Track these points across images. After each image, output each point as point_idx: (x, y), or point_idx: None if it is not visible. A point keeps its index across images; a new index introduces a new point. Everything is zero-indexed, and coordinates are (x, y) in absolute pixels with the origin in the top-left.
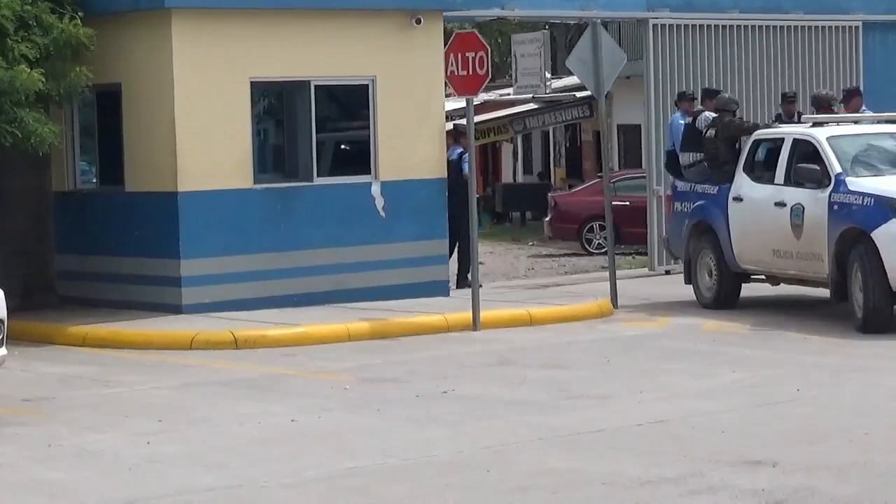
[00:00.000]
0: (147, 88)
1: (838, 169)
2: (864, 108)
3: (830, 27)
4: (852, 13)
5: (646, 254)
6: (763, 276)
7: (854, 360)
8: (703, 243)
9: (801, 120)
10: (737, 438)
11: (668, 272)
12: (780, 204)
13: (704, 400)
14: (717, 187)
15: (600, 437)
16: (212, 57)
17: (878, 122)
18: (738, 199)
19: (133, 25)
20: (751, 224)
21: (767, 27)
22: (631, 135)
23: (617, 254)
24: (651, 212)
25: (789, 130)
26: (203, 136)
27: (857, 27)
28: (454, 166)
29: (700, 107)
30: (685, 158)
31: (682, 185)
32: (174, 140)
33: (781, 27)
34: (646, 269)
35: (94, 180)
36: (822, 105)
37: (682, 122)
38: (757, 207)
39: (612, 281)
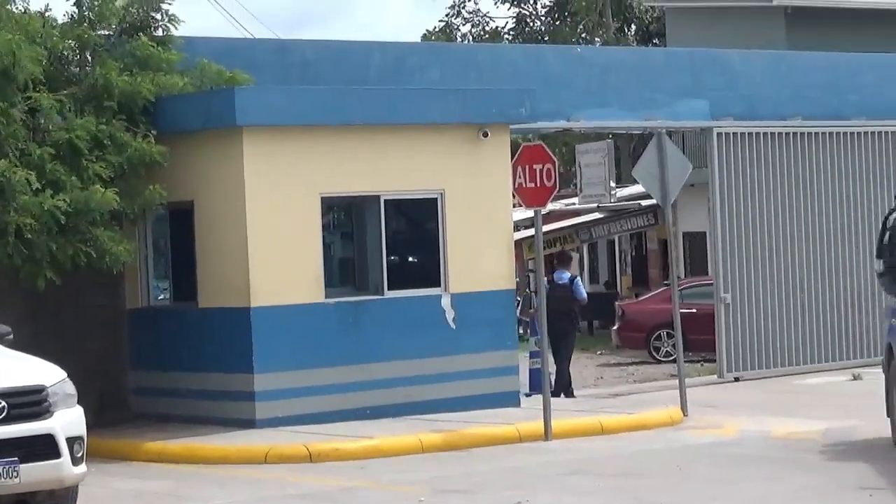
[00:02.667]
0: (219, 205)
1: None
2: None
3: (893, 132)
4: None
5: (714, 361)
6: None
7: None
8: None
9: None
10: None
11: (737, 379)
12: None
13: None
14: None
15: None
16: (282, 173)
17: None
18: None
19: (205, 143)
20: None
21: (831, 134)
22: (696, 242)
23: (685, 361)
24: (719, 319)
25: None
26: (274, 251)
27: None
28: (564, 289)
29: None
30: (878, 265)
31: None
32: (246, 256)
33: (845, 133)
34: (714, 377)
35: (168, 297)
36: None
37: None
38: None
39: (682, 389)
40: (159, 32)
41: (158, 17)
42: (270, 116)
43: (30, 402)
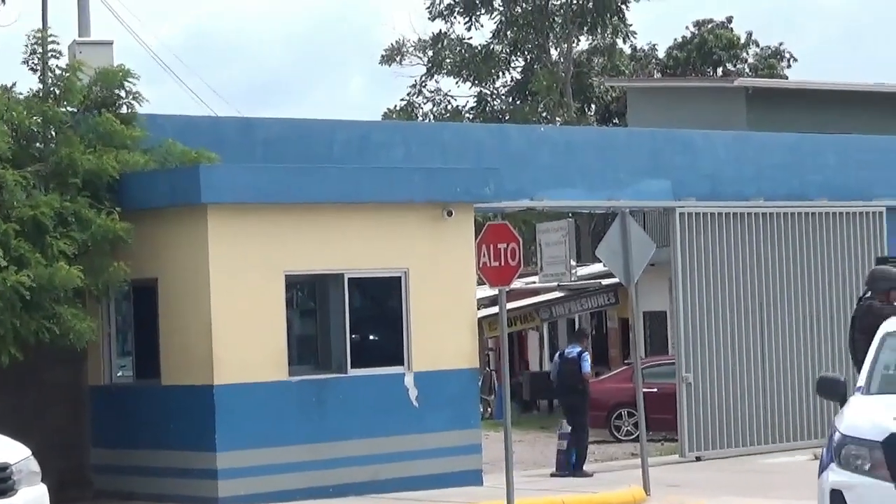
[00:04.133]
0: (183, 283)
1: None
2: None
3: (855, 213)
4: (876, 199)
5: (674, 440)
6: None
7: None
8: None
9: None
10: None
11: (698, 458)
12: None
13: None
14: None
15: None
16: (247, 251)
17: None
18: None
19: (170, 220)
20: None
21: (793, 214)
22: (656, 321)
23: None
24: (681, 397)
25: None
26: (238, 328)
27: (881, 212)
28: (573, 363)
29: None
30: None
31: None
32: (210, 333)
33: (807, 214)
34: (675, 456)
35: (130, 374)
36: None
37: None
38: None
39: (644, 467)
40: (123, 110)
41: (122, 94)
42: (235, 194)
43: None
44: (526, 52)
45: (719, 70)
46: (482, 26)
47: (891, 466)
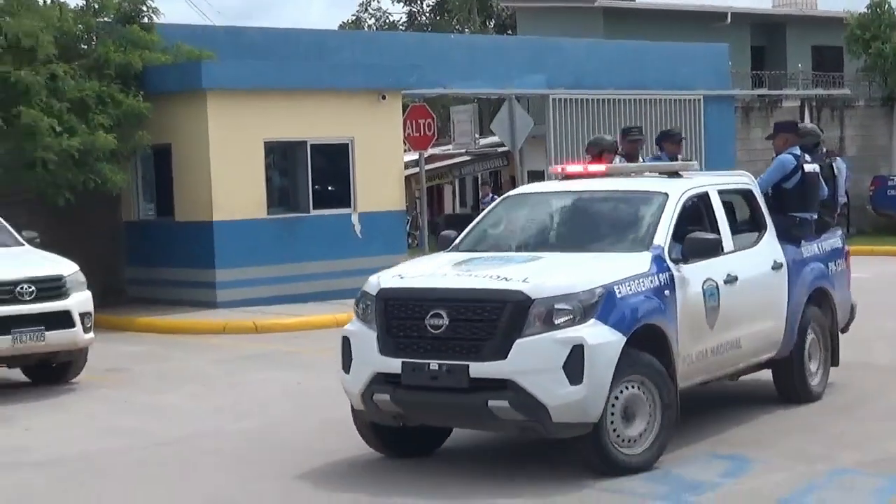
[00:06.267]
0: (189, 147)
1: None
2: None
3: (681, 100)
4: (696, 90)
5: None
6: None
7: None
8: None
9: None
10: None
11: None
12: None
13: None
14: None
15: None
16: (236, 124)
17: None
18: None
19: (179, 102)
20: None
21: (635, 100)
22: (535, 178)
23: None
24: None
25: None
26: (230, 180)
27: (699, 99)
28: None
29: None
30: None
31: None
32: (210, 184)
33: (646, 100)
34: None
35: (153, 213)
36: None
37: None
38: None
39: None
40: (145, 20)
41: (144, 8)
42: (227, 83)
43: (52, 287)
44: None
45: None
46: None
47: (378, 316)
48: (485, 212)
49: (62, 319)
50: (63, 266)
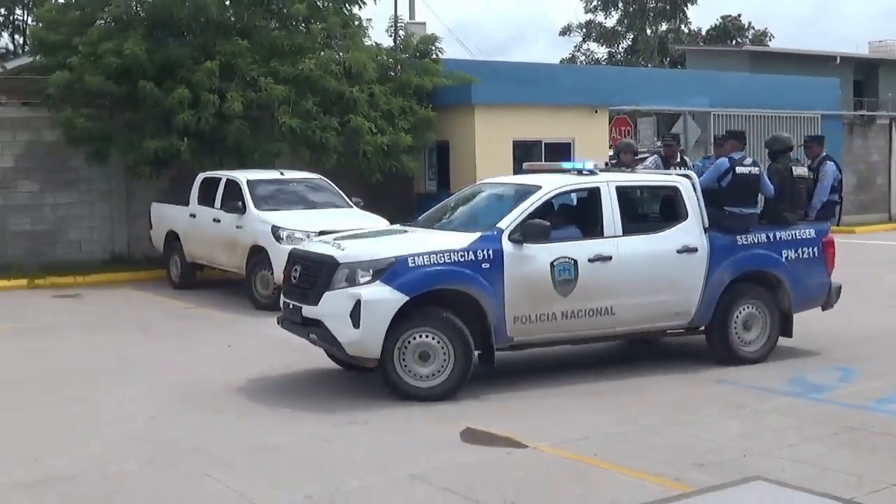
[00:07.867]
0: (462, 143)
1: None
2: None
3: (803, 118)
4: (815, 109)
5: None
6: None
7: None
8: None
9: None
10: None
11: None
12: None
13: None
14: None
15: None
16: (493, 127)
17: None
18: None
19: (456, 112)
20: None
21: (771, 117)
22: None
23: None
24: None
25: None
26: (489, 166)
27: (817, 118)
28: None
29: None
30: None
31: None
32: (475, 167)
33: (779, 117)
34: None
35: (435, 187)
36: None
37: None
38: None
39: None
40: (433, 56)
41: (433, 48)
42: (488, 99)
43: None
44: (634, 31)
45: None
46: (612, 15)
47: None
48: (456, 195)
49: None
50: (377, 222)
